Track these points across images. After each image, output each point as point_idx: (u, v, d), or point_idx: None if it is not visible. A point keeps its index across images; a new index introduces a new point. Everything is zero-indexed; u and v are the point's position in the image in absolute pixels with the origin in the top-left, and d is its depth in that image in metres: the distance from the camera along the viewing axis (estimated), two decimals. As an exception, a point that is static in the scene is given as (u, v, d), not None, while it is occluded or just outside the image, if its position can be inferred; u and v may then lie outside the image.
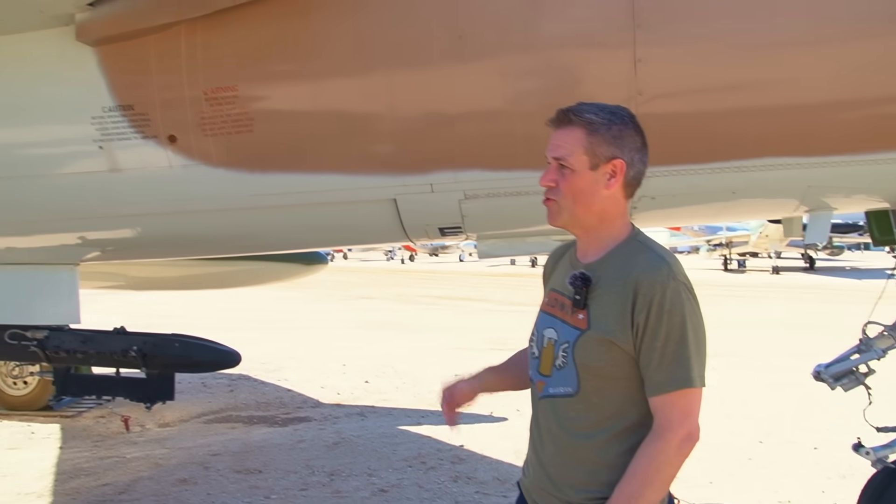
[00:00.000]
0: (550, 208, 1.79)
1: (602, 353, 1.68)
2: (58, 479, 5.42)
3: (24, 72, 3.23)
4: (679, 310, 1.64)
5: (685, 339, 1.64)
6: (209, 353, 4.19)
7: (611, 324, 1.67)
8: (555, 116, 1.78)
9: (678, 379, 1.64)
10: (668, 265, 1.68)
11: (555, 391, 1.77)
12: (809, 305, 17.68)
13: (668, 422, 1.64)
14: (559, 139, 1.75)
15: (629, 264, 1.69)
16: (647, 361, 1.65)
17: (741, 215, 4.15)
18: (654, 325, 1.63)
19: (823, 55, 2.91)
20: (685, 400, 1.65)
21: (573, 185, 1.73)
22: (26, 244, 3.83)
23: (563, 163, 1.74)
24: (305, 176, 3.20)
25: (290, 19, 3.04)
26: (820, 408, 6.88)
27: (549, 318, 1.83)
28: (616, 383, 1.70)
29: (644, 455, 1.64)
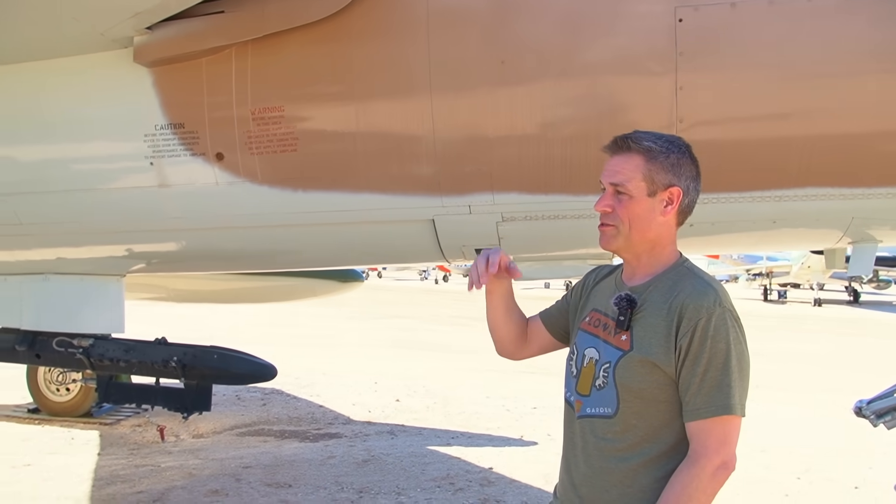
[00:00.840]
0: (607, 233, 1.80)
1: (643, 375, 1.69)
2: (95, 484, 5.55)
3: (84, 90, 3.38)
4: (724, 336, 1.64)
5: (728, 365, 1.64)
6: (246, 366, 4.27)
7: (654, 346, 1.68)
8: (612, 143, 1.80)
9: (717, 405, 1.63)
10: (715, 292, 1.70)
11: (593, 411, 1.77)
12: (852, 340, 17.16)
13: (705, 448, 1.63)
14: (617, 165, 1.77)
15: (676, 289, 1.72)
16: (686, 386, 1.66)
17: (782, 245, 4.08)
18: (696, 350, 1.64)
19: (869, 85, 2.88)
20: (723, 427, 1.64)
21: (631, 210, 1.75)
22: (76, 255, 3.97)
23: (620, 189, 1.76)
24: (347, 195, 3.27)
25: (336, 43, 3.14)
26: (862, 445, 6.67)
27: (591, 337, 1.84)
28: (656, 406, 1.70)
29: (678, 481, 1.63)
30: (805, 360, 13.39)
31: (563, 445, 1.91)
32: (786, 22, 2.88)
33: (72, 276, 4.03)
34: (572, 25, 3.01)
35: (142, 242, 3.84)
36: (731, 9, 2.89)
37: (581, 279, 2.07)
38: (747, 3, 2.89)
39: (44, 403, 7.84)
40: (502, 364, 2.18)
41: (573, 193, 3.14)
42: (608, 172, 1.79)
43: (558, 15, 3.03)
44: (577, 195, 3.14)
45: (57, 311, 4.08)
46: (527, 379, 10.06)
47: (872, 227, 3.26)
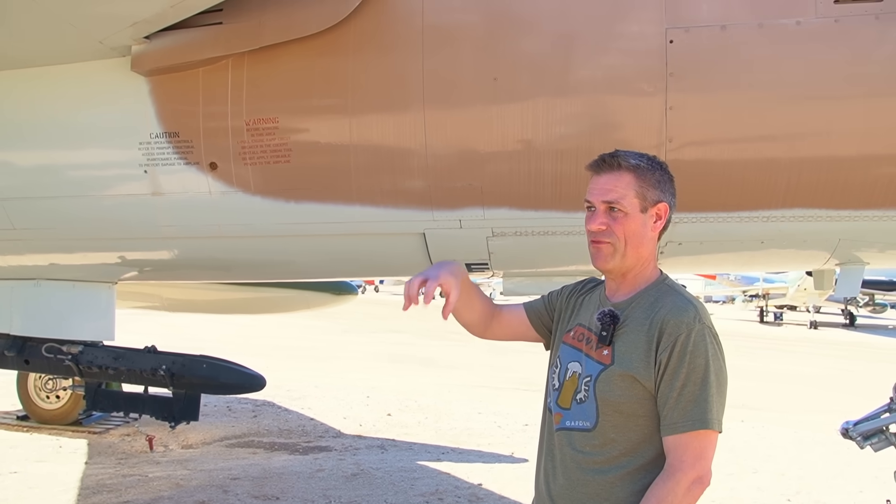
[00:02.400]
0: (603, 251, 1.81)
1: (623, 389, 1.72)
2: (81, 493, 5.51)
3: (81, 98, 3.41)
4: (703, 352, 1.68)
5: (706, 381, 1.67)
6: (235, 376, 4.27)
7: (634, 360, 1.72)
8: (599, 162, 1.83)
9: (695, 420, 1.66)
10: (695, 308, 1.74)
11: (572, 424, 1.79)
12: (847, 363, 17.15)
13: (681, 462, 1.65)
14: (609, 183, 1.79)
15: (657, 305, 1.76)
16: (664, 400, 1.68)
17: (770, 265, 4.11)
18: (675, 365, 1.67)
19: (856, 108, 2.91)
20: (699, 442, 1.66)
21: (627, 227, 1.78)
22: (68, 261, 3.98)
23: (616, 206, 1.78)
24: (339, 207, 3.29)
25: (331, 56, 3.17)
26: (852, 468, 6.66)
27: (574, 351, 1.87)
28: (635, 421, 1.72)
29: (654, 495, 1.65)
30: (798, 382, 13.37)
31: (539, 456, 1.93)
32: (775, 45, 2.92)
33: (63, 283, 4.04)
34: (565, 44, 3.04)
35: (134, 250, 3.84)
36: (721, 31, 2.93)
37: (566, 289, 2.08)
38: (737, 25, 2.93)
39: (33, 411, 7.80)
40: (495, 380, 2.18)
41: (564, 210, 3.16)
42: (600, 191, 1.80)
43: (551, 34, 3.07)
44: (567, 212, 3.16)
45: (47, 317, 4.08)
46: (519, 395, 10.04)
47: (859, 249, 3.28)
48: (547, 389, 1.94)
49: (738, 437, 8.20)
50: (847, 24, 2.86)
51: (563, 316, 2.01)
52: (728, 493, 5.98)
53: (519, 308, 2.13)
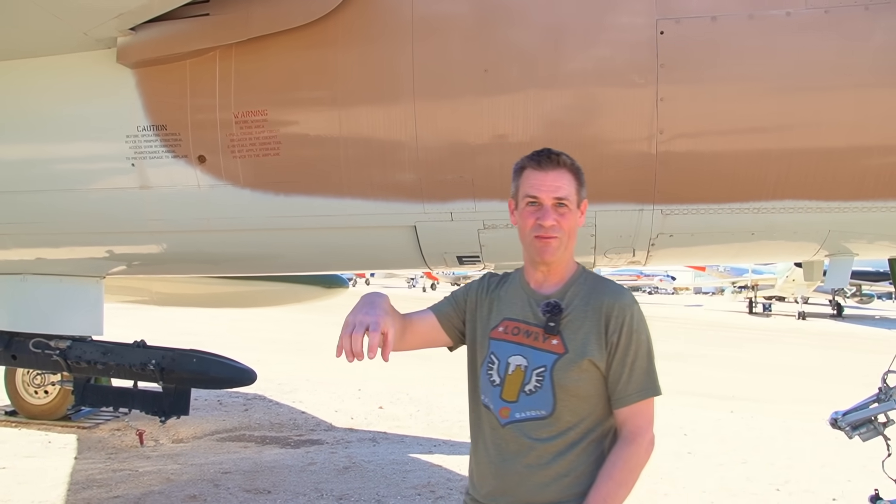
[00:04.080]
0: (552, 245, 1.89)
1: (579, 373, 1.85)
2: (71, 489, 5.48)
3: (66, 90, 3.36)
4: (644, 329, 1.88)
5: (650, 354, 1.88)
6: (225, 370, 4.24)
7: (589, 346, 1.85)
8: (542, 158, 1.91)
9: (647, 389, 1.86)
10: (629, 292, 1.95)
11: (523, 415, 1.86)
12: (834, 353, 17.31)
13: (638, 428, 1.84)
14: (556, 181, 1.89)
15: (595, 292, 1.91)
16: (618, 376, 1.85)
17: (760, 257, 4.12)
18: (625, 344, 1.85)
19: (847, 100, 2.92)
20: (650, 408, 1.87)
21: (571, 222, 1.91)
22: (55, 255, 3.94)
23: (564, 202, 1.88)
24: (328, 200, 3.27)
25: (320, 48, 3.14)
26: (840, 457, 6.72)
27: (513, 346, 1.91)
28: (588, 400, 1.86)
29: (619, 459, 1.82)
30: (786, 373, 13.48)
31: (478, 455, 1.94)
32: (765, 36, 2.92)
33: (50, 277, 3.99)
34: (555, 36, 3.03)
35: (122, 244, 3.81)
36: (711, 22, 2.93)
37: (472, 287, 2.08)
38: (728, 16, 2.93)
39: (21, 406, 7.76)
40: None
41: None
42: (549, 187, 1.88)
43: (542, 25, 3.05)
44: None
45: (34, 312, 4.04)
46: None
47: (849, 241, 3.30)
48: (480, 387, 1.95)
49: (728, 428, 8.26)
50: (837, 14, 2.87)
51: (478, 314, 2.02)
52: (717, 482, 6.02)
53: (428, 314, 2.07)
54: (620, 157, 3.03)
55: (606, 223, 3.21)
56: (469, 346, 2.05)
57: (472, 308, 2.04)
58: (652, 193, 3.08)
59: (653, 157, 3.00)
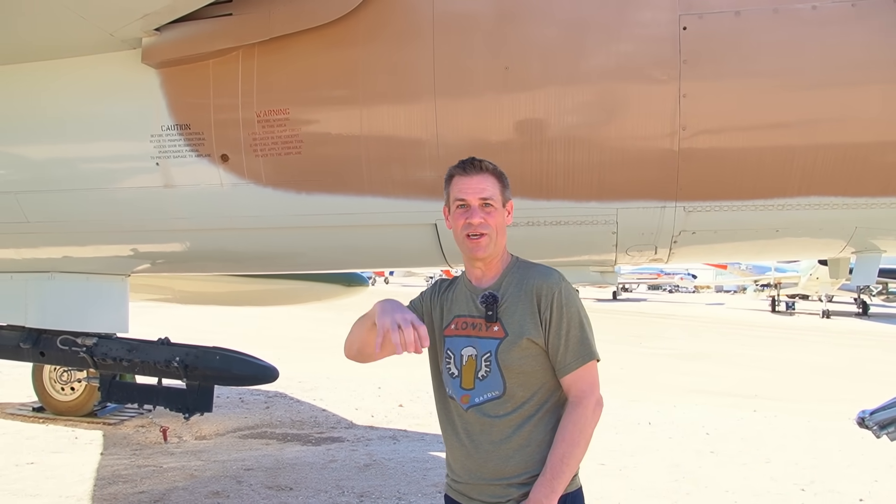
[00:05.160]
0: (482, 242, 2.08)
1: (521, 352, 2.03)
2: (97, 484, 5.57)
3: (92, 91, 3.41)
4: (573, 302, 2.06)
5: (582, 324, 2.06)
6: (248, 368, 4.28)
7: (525, 326, 2.04)
8: (466, 165, 2.12)
9: (584, 356, 2.03)
10: (557, 272, 2.13)
11: (481, 398, 2.06)
12: (860, 352, 17.03)
13: (582, 392, 2.02)
14: (481, 183, 2.09)
15: (526, 277, 2.10)
16: (556, 348, 2.03)
17: (785, 254, 4.07)
18: (557, 318, 2.03)
19: (873, 95, 2.87)
20: (591, 372, 2.05)
21: (498, 220, 2.11)
22: (82, 254, 4.00)
23: (490, 202, 2.09)
24: (350, 198, 3.29)
25: (341, 47, 3.15)
26: (866, 457, 6.62)
27: (463, 339, 2.12)
28: (534, 376, 2.05)
29: (569, 422, 2.00)
30: (810, 372, 13.30)
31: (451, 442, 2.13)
32: (790, 30, 2.88)
33: (77, 275, 4.06)
34: (577, 32, 3.02)
35: (147, 242, 3.85)
36: (735, 17, 2.90)
37: (426, 294, 2.30)
38: (752, 11, 2.89)
39: (49, 402, 7.89)
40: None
41: (575, 200, 3.15)
42: (475, 189, 2.08)
43: (563, 22, 3.04)
44: (579, 201, 3.15)
45: (61, 310, 4.10)
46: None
47: (876, 237, 3.25)
48: (442, 382, 2.16)
49: (751, 427, 8.17)
50: (864, 7, 2.82)
51: (433, 317, 2.23)
52: (741, 482, 5.96)
53: None
54: (642, 153, 3.01)
55: (628, 221, 3.19)
56: (430, 347, 2.21)
57: (427, 312, 2.24)
58: (674, 190, 3.06)
59: (675, 153, 2.97)
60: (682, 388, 10.19)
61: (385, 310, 2.01)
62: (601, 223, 3.22)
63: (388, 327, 1.93)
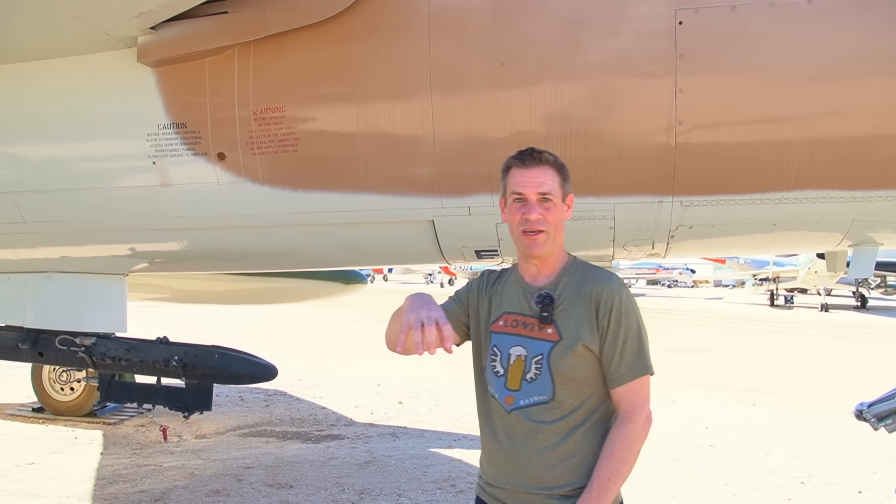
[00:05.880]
0: (539, 239, 1.97)
1: (575, 359, 1.93)
2: (97, 483, 5.57)
3: (88, 90, 3.40)
4: (633, 311, 1.95)
5: (640, 335, 1.95)
6: (247, 366, 4.28)
7: (582, 331, 1.93)
8: (525, 157, 2.00)
9: (639, 369, 1.93)
10: (618, 277, 2.02)
11: (527, 402, 1.95)
12: (859, 345, 17.07)
13: (634, 406, 1.92)
14: (540, 177, 1.97)
15: (585, 280, 1.99)
16: (610, 357, 1.93)
17: (782, 248, 4.08)
18: (615, 326, 1.93)
19: (869, 88, 2.87)
20: (643, 386, 1.95)
21: (556, 216, 1.99)
22: (79, 253, 3.99)
23: (549, 197, 1.97)
24: (347, 195, 3.28)
25: (337, 44, 3.15)
26: (865, 450, 6.65)
27: (512, 337, 2.01)
28: (586, 383, 1.94)
29: (617, 438, 1.90)
30: (809, 365, 13.33)
31: (488, 443, 2.03)
32: (786, 24, 2.88)
33: (75, 275, 4.05)
34: (573, 28, 3.01)
35: (144, 242, 3.85)
36: (731, 11, 2.89)
37: (473, 285, 2.17)
38: (748, 5, 2.89)
39: (48, 402, 7.89)
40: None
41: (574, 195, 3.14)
42: (534, 183, 1.96)
43: (559, 17, 3.03)
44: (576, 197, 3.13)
45: (59, 310, 4.10)
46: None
47: (873, 230, 3.25)
48: (485, 379, 2.05)
49: (750, 421, 8.19)
50: (860, 1, 2.82)
51: (479, 310, 2.11)
52: (740, 475, 5.98)
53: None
54: (639, 148, 3.01)
55: (625, 216, 3.20)
56: (473, 341, 2.14)
57: (474, 305, 2.13)
58: (671, 185, 3.06)
59: (672, 148, 2.97)
60: (682, 383, 10.20)
61: (412, 305, 1.91)
62: (598, 218, 3.23)
63: (412, 325, 1.84)
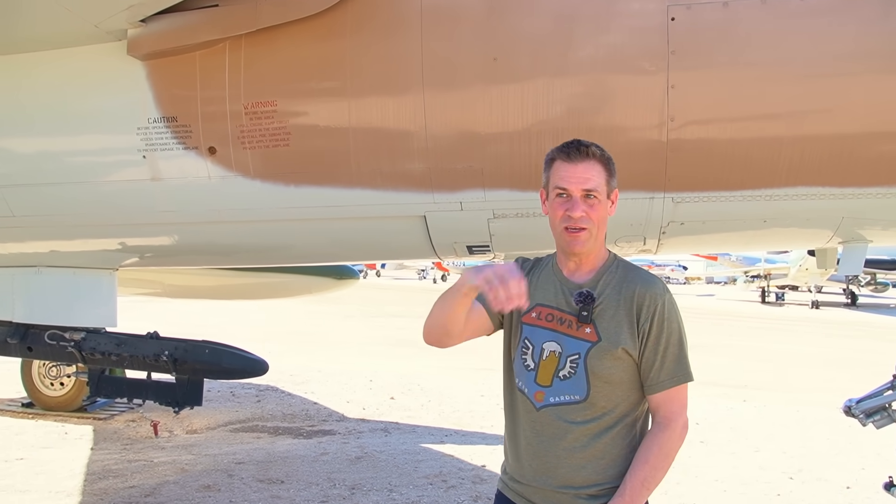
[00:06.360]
0: (582, 237, 1.90)
1: (613, 361, 1.88)
2: (87, 479, 5.54)
3: (77, 83, 3.38)
4: (675, 317, 1.92)
5: (682, 341, 1.92)
6: (238, 361, 4.28)
7: (622, 334, 1.88)
8: (571, 150, 1.91)
9: (679, 376, 1.90)
10: (661, 280, 1.98)
11: (557, 399, 1.90)
12: (848, 342, 17.18)
13: (672, 413, 1.90)
14: (585, 172, 1.89)
15: (626, 280, 1.93)
16: (650, 363, 1.89)
17: (773, 244, 4.09)
18: (657, 332, 1.88)
19: (860, 85, 2.88)
20: (682, 393, 1.92)
21: (600, 213, 1.91)
22: (69, 248, 3.97)
23: (593, 193, 1.89)
24: (339, 190, 3.28)
25: (329, 38, 3.14)
26: (854, 446, 6.69)
27: (546, 332, 1.95)
28: (620, 386, 1.90)
29: (654, 444, 1.88)
30: (800, 362, 13.41)
31: (515, 438, 1.99)
32: (778, 21, 2.89)
33: (64, 270, 4.03)
34: (565, 23, 3.01)
35: (134, 236, 3.83)
36: (723, 8, 2.90)
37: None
38: (740, 2, 2.89)
39: (38, 398, 7.84)
40: (497, 363, 2.18)
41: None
42: (578, 179, 1.88)
43: (551, 13, 3.03)
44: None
45: (49, 305, 4.08)
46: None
47: (863, 227, 3.27)
48: (514, 371, 2.00)
49: (741, 417, 8.24)
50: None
51: None
52: (730, 471, 6.01)
53: (477, 306, 2.02)
54: (631, 145, 3.01)
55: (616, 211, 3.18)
56: (505, 330, 2.08)
57: None
58: (663, 181, 3.07)
59: (664, 144, 2.98)
60: (673, 379, 10.21)
61: (479, 268, 1.75)
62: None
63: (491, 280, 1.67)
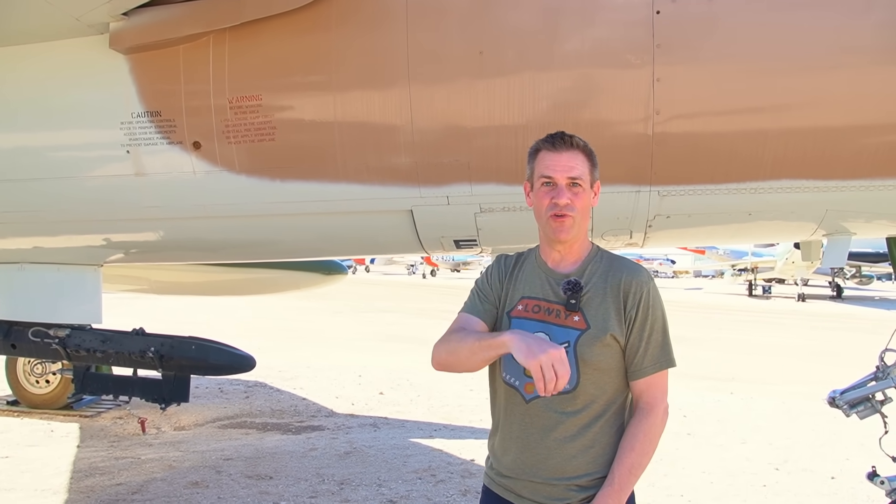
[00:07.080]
0: (566, 223, 1.94)
1: (602, 348, 1.91)
2: (73, 476, 5.51)
3: (59, 77, 3.34)
4: (659, 304, 1.96)
5: (665, 328, 1.96)
6: (224, 357, 4.25)
7: (610, 321, 1.91)
8: (556, 140, 1.97)
9: (662, 362, 1.94)
10: (645, 270, 2.02)
11: None
12: (833, 334, 17.35)
13: (654, 399, 1.93)
14: (570, 161, 1.94)
15: (612, 269, 1.97)
16: (635, 349, 1.92)
17: (758, 237, 4.12)
18: (642, 318, 1.92)
19: (844, 79, 2.90)
20: (664, 380, 1.96)
21: (584, 201, 1.96)
22: (53, 244, 3.93)
23: (578, 181, 1.93)
24: (325, 185, 3.26)
25: (314, 32, 3.11)
26: (839, 437, 6.76)
27: (535, 323, 1.95)
28: (608, 373, 1.93)
29: (639, 431, 1.90)
30: (786, 354, 13.53)
31: (501, 432, 2.00)
32: (763, 15, 2.90)
33: (48, 266, 3.99)
34: (551, 17, 3.00)
35: (119, 232, 3.80)
36: (708, 1, 2.90)
37: (493, 275, 2.08)
38: (725, -5, 2.89)
39: (23, 395, 7.78)
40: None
41: (551, 184, 3.14)
42: (563, 167, 1.93)
43: (537, 6, 3.02)
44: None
45: (33, 301, 4.04)
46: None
47: (846, 220, 3.29)
48: (503, 366, 1.99)
49: (727, 409, 8.30)
50: None
51: (501, 297, 2.04)
52: (717, 462, 6.06)
53: (477, 322, 2.04)
54: (617, 138, 3.02)
55: (603, 205, 3.16)
56: (490, 326, 2.05)
57: (499, 297, 2.04)
58: (648, 175, 3.07)
59: (649, 138, 2.98)
60: (661, 372, 10.28)
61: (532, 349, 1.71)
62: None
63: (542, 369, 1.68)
